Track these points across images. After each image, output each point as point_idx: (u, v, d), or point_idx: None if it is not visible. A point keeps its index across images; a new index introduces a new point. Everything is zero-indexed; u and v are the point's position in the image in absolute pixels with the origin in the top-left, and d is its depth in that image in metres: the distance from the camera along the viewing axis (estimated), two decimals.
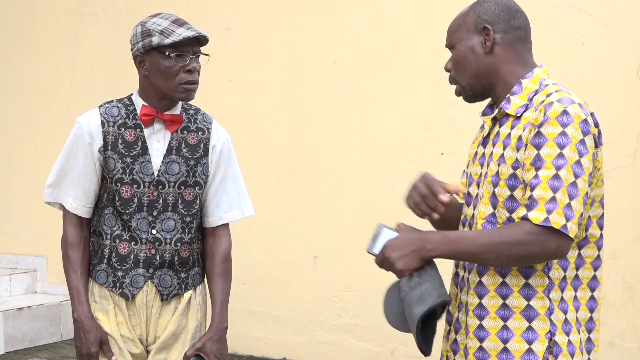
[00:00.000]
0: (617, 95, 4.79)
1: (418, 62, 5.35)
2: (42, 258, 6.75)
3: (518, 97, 2.29)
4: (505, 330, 2.22)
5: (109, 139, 2.87)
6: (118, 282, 2.89)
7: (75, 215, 2.92)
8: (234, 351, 5.92)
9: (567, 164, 2.13)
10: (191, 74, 2.82)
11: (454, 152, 5.25)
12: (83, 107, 6.46)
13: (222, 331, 2.95)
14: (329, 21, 5.64)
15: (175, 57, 2.80)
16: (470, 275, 2.30)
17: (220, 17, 5.99)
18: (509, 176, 2.23)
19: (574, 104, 2.18)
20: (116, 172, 2.86)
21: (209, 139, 2.96)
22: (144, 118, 2.87)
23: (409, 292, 2.26)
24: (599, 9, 4.86)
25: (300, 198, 5.73)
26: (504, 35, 2.32)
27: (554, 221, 2.11)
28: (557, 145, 2.14)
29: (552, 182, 2.13)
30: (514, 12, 2.34)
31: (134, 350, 2.93)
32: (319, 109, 5.68)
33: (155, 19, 2.87)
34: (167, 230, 2.90)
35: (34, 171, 6.70)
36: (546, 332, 2.20)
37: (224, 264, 3.00)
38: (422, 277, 2.26)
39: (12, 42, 6.90)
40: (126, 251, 2.88)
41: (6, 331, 5.94)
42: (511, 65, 2.32)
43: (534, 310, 2.20)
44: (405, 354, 5.38)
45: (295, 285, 5.74)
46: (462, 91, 2.42)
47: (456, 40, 2.37)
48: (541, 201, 2.13)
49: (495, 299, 2.24)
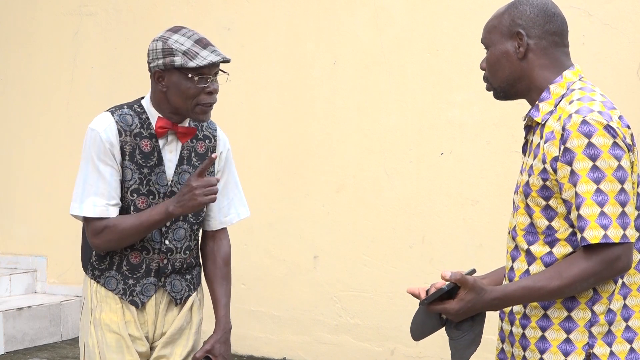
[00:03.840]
0: (617, 95, 4.78)
1: (418, 62, 5.35)
2: (42, 258, 6.75)
3: (546, 103, 2.26)
4: (543, 341, 2.20)
5: (126, 148, 2.83)
6: (129, 290, 2.90)
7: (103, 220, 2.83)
8: (234, 351, 5.92)
9: (607, 175, 2.10)
10: (211, 96, 2.81)
11: (454, 152, 5.25)
12: (83, 107, 6.50)
13: (228, 332, 2.99)
14: (329, 21, 5.64)
15: (198, 79, 2.77)
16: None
17: (220, 17, 5.99)
18: (540, 187, 2.20)
19: (592, 112, 2.15)
20: (133, 182, 2.84)
21: (216, 147, 2.98)
22: (160, 130, 2.84)
23: (457, 337, 2.27)
24: (599, 9, 4.86)
25: (300, 198, 5.73)
26: (538, 41, 2.28)
27: (614, 236, 2.08)
28: (588, 157, 2.11)
29: (596, 197, 2.10)
30: (550, 16, 2.29)
31: (141, 349, 2.94)
32: (319, 109, 5.68)
33: (177, 37, 2.80)
34: (178, 240, 2.92)
35: (34, 171, 6.70)
36: (584, 345, 2.17)
37: (225, 266, 3.04)
38: (474, 323, 2.28)
39: (12, 42, 6.90)
40: (138, 260, 2.89)
41: (6, 331, 5.94)
42: (544, 71, 2.28)
43: (573, 322, 2.18)
44: (405, 354, 5.38)
45: (295, 285, 5.74)
46: (493, 91, 2.38)
47: (490, 42, 2.34)
48: (591, 218, 2.09)
49: (537, 309, 2.22)
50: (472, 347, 2.27)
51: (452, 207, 5.26)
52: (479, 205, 5.18)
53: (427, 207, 5.33)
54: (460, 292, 2.17)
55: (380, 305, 5.46)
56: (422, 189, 5.35)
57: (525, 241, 2.24)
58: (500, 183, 5.06)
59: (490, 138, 5.14)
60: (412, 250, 5.36)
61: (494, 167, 5.07)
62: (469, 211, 5.20)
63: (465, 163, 5.22)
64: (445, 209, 5.28)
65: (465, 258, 5.14)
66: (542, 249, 2.21)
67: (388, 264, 5.43)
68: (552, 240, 2.19)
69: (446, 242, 5.28)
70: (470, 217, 5.21)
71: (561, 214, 2.18)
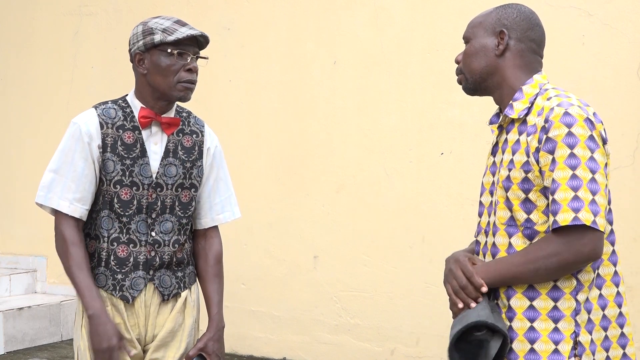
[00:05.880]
0: (617, 95, 4.79)
1: (418, 62, 5.35)
2: (42, 258, 6.75)
3: (520, 102, 2.37)
4: (532, 331, 2.26)
5: (108, 140, 2.86)
6: (118, 285, 2.89)
7: (72, 217, 2.86)
8: (234, 351, 5.92)
9: (581, 162, 2.19)
10: (191, 73, 2.84)
11: (454, 152, 5.25)
12: (83, 107, 6.46)
13: (221, 330, 2.99)
14: (329, 21, 5.64)
15: (177, 54, 2.81)
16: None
17: (220, 17, 6.00)
18: (521, 180, 2.28)
19: (573, 106, 2.25)
20: (115, 174, 2.86)
21: (203, 142, 3.00)
22: (142, 120, 2.88)
23: (454, 320, 2.32)
24: (599, 9, 4.86)
25: (300, 198, 5.73)
26: (517, 44, 2.40)
27: (584, 218, 2.16)
28: (566, 145, 2.20)
29: (571, 182, 2.18)
30: (533, 25, 2.42)
31: (132, 351, 2.93)
32: (319, 109, 5.68)
33: (157, 19, 2.89)
34: (165, 232, 2.92)
35: (34, 171, 6.70)
36: (571, 333, 2.24)
37: (217, 264, 3.04)
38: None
39: (12, 42, 6.90)
40: (125, 254, 2.89)
41: (6, 331, 5.94)
42: (517, 71, 2.40)
43: (559, 312, 2.25)
44: (405, 354, 5.38)
45: (295, 285, 5.75)
46: (464, 82, 2.49)
47: (472, 35, 2.46)
48: (564, 202, 2.17)
49: (523, 301, 2.28)
50: (458, 325, 2.26)
51: (452, 207, 5.26)
52: None
53: (427, 207, 5.34)
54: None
55: (380, 305, 5.46)
56: (422, 189, 5.35)
57: (507, 234, 2.32)
58: None
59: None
60: (412, 250, 5.37)
61: None
62: (469, 211, 5.20)
63: (465, 163, 5.23)
64: (445, 209, 5.28)
65: None
66: (522, 242, 2.29)
67: (388, 264, 5.43)
68: (532, 233, 2.28)
69: (446, 242, 5.27)
70: (470, 217, 5.21)
71: (540, 206, 2.26)
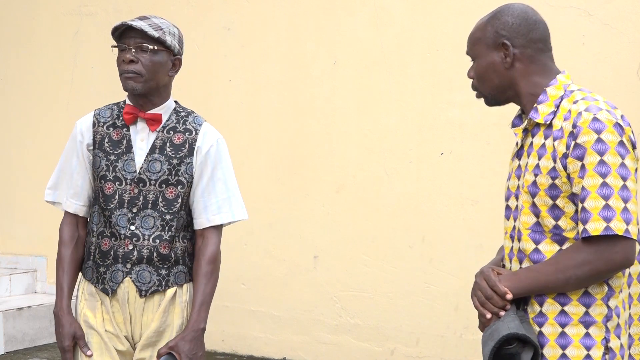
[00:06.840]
0: (617, 95, 4.78)
1: (418, 62, 5.35)
2: (42, 258, 6.75)
3: (545, 105, 2.31)
4: (563, 337, 2.25)
5: (97, 138, 2.99)
6: (100, 278, 2.96)
7: (70, 214, 3.04)
8: (234, 351, 5.92)
9: (612, 170, 2.15)
10: (125, 64, 2.93)
11: (454, 152, 5.25)
12: (83, 107, 6.48)
13: (197, 332, 2.93)
14: (329, 21, 5.64)
15: (119, 49, 2.96)
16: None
17: (220, 17, 6.00)
18: (549, 186, 2.24)
19: (601, 111, 2.21)
20: (101, 169, 2.96)
21: (195, 140, 3.00)
22: (126, 116, 2.98)
23: (484, 334, 2.30)
24: (599, 9, 4.86)
25: (300, 198, 5.73)
26: (524, 50, 2.35)
27: (616, 228, 2.13)
28: (596, 152, 2.16)
29: (601, 191, 2.15)
30: (532, 24, 2.35)
31: (120, 347, 2.97)
32: (319, 109, 5.68)
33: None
34: (146, 227, 2.94)
35: (34, 171, 6.71)
36: (602, 339, 2.23)
37: (207, 265, 2.99)
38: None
39: (12, 42, 6.90)
40: (107, 247, 2.95)
41: (6, 331, 5.94)
42: (533, 77, 2.35)
43: (591, 318, 2.23)
44: (405, 354, 5.38)
45: (295, 285, 5.74)
46: (484, 99, 2.44)
47: (476, 54, 2.41)
48: (594, 211, 2.15)
49: (554, 306, 2.26)
50: (490, 342, 2.25)
51: (452, 207, 5.26)
52: (479, 205, 5.18)
53: (427, 207, 5.34)
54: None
55: (380, 305, 5.46)
56: (422, 189, 5.35)
57: (531, 240, 2.28)
58: (500, 183, 5.04)
59: (490, 138, 5.14)
60: (412, 250, 5.36)
61: (494, 167, 5.07)
62: (469, 211, 5.20)
63: (465, 163, 5.22)
64: (445, 209, 5.28)
65: (465, 258, 5.14)
66: (550, 248, 2.25)
67: (388, 264, 5.43)
68: (561, 239, 2.24)
69: (446, 242, 5.28)
70: (470, 217, 5.21)
71: (568, 213, 2.23)
